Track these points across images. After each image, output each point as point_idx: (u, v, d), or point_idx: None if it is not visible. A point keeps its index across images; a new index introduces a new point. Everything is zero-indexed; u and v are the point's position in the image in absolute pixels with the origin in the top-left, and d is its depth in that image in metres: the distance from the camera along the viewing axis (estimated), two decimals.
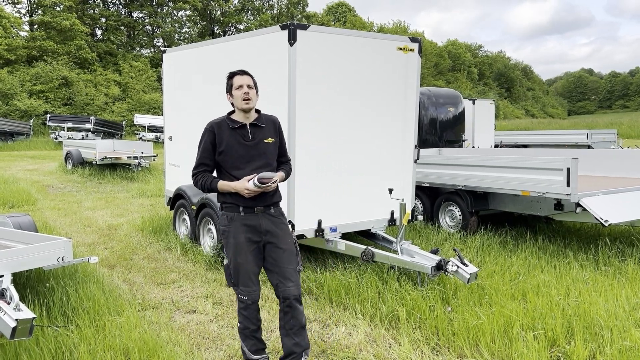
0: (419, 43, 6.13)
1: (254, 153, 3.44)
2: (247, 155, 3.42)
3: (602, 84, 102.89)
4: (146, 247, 7.11)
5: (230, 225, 3.45)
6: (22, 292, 4.57)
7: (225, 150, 3.41)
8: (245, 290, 3.45)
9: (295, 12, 56.08)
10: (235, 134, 3.42)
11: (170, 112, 7.77)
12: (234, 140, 3.41)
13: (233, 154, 3.41)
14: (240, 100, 3.40)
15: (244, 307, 3.49)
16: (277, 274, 3.47)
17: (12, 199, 10.54)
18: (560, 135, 20.46)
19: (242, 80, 3.43)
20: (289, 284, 3.45)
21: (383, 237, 6.07)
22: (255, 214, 3.43)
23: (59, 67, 36.33)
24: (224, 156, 3.43)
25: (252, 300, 3.47)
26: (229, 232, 3.46)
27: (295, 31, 5.12)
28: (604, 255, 6.17)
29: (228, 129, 3.42)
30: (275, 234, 3.47)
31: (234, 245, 3.43)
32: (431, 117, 11.29)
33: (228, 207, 3.46)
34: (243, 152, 3.42)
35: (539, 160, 6.37)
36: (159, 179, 13.67)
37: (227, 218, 3.46)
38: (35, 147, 26.76)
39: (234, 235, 3.43)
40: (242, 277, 3.44)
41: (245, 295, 3.45)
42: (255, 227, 3.43)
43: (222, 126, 3.44)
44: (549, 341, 3.97)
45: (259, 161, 3.45)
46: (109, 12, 46.36)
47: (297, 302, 3.46)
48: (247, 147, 3.42)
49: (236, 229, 3.42)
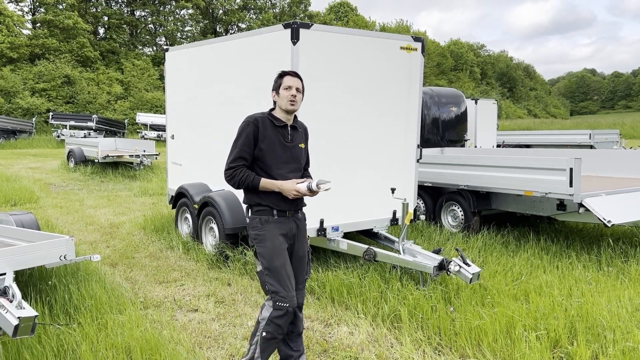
0: (422, 42, 6.12)
1: (290, 155, 3.36)
2: (284, 156, 3.33)
3: (604, 84, 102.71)
4: (148, 246, 7.11)
5: (264, 228, 3.28)
6: (24, 290, 4.58)
7: (266, 147, 3.27)
8: (288, 296, 3.20)
9: (297, 11, 56.08)
10: (277, 132, 3.32)
11: (173, 111, 7.78)
12: (276, 139, 3.31)
13: (274, 153, 3.29)
14: (286, 101, 3.31)
15: (282, 315, 3.20)
16: None
17: (15, 197, 10.55)
18: (562, 135, 20.41)
19: (292, 82, 3.34)
20: (297, 292, 3.38)
21: (385, 236, 6.07)
22: (287, 217, 3.33)
23: (62, 66, 36.40)
24: (264, 153, 3.27)
25: (293, 306, 3.24)
26: (264, 236, 3.28)
27: (298, 30, 5.11)
28: (606, 255, 6.15)
29: (271, 126, 3.31)
30: (298, 240, 3.42)
31: (271, 249, 3.25)
32: (433, 117, 11.28)
33: (261, 210, 3.30)
34: (282, 152, 3.32)
35: (541, 161, 6.36)
36: (161, 178, 13.68)
37: (261, 221, 3.29)
38: (37, 145, 26.81)
39: (270, 239, 3.26)
40: (284, 281, 3.22)
41: (287, 302, 3.20)
42: (286, 231, 3.33)
43: (266, 122, 3.31)
44: (552, 342, 3.96)
45: (293, 164, 3.39)
46: (111, 10, 46.43)
47: (299, 310, 3.45)
48: (286, 147, 3.34)
49: (271, 231, 3.28)
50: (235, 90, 6.16)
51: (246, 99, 5.83)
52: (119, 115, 35.88)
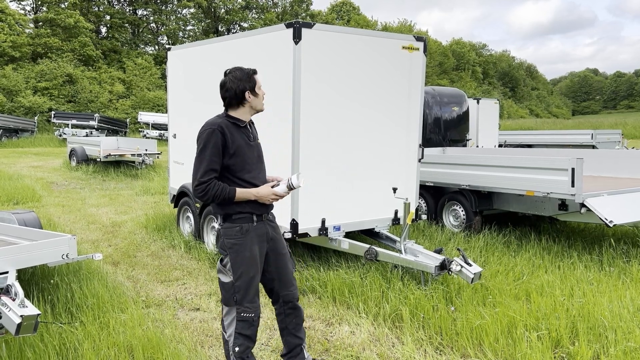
0: (424, 42, 6.11)
1: (257, 154, 3.25)
2: (253, 157, 3.20)
3: (606, 84, 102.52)
4: (150, 245, 7.12)
5: (244, 237, 3.14)
6: (26, 289, 4.59)
7: (237, 152, 3.11)
8: (252, 307, 3.15)
9: (299, 10, 56.06)
10: (242, 134, 3.17)
11: (175, 110, 7.78)
12: (243, 141, 3.15)
13: (244, 156, 3.14)
14: (262, 101, 3.24)
15: (249, 325, 3.15)
16: (277, 280, 3.36)
17: (17, 196, 10.57)
18: (564, 135, 20.38)
19: (261, 81, 3.28)
20: (291, 288, 3.39)
21: (387, 236, 6.07)
22: (262, 221, 3.23)
23: (64, 64, 36.44)
24: (235, 159, 3.11)
25: (258, 314, 3.20)
26: (243, 245, 3.13)
27: (300, 29, 5.11)
28: (608, 255, 6.15)
29: (235, 129, 3.15)
30: (276, 240, 3.34)
31: (249, 259, 3.14)
32: (435, 117, 11.26)
33: (242, 218, 3.15)
34: (250, 153, 3.18)
35: (543, 160, 6.35)
36: (163, 177, 13.69)
37: (242, 230, 3.14)
38: (39, 144, 26.83)
39: (249, 249, 3.14)
40: (252, 293, 3.15)
41: (253, 312, 3.15)
42: (262, 236, 3.24)
43: (229, 126, 3.13)
44: (553, 342, 3.96)
45: (260, 163, 3.28)
46: (113, 9, 46.47)
47: (298, 302, 3.45)
48: (252, 147, 3.21)
49: (251, 241, 3.16)
50: None
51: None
52: (121, 114, 35.90)
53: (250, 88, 3.20)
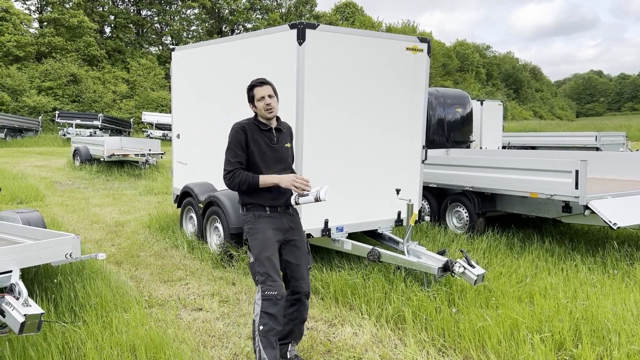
0: (428, 43, 6.11)
1: (278, 156, 3.61)
2: (273, 157, 3.58)
3: (611, 85, 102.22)
4: (153, 245, 7.13)
5: (257, 222, 3.52)
6: (30, 288, 4.59)
7: (256, 150, 3.53)
8: (275, 285, 3.38)
9: (303, 11, 56.09)
10: (263, 135, 3.57)
11: (179, 110, 7.80)
12: (263, 142, 3.56)
13: (262, 155, 3.54)
14: (263, 111, 3.54)
15: (273, 304, 3.34)
16: (291, 270, 3.60)
17: (21, 195, 10.61)
18: (568, 137, 20.34)
19: (262, 92, 3.54)
20: (302, 281, 3.61)
21: (390, 237, 6.06)
22: (278, 212, 3.55)
23: (68, 64, 36.55)
24: (254, 156, 3.52)
25: (282, 295, 3.40)
26: (257, 229, 3.50)
27: (304, 30, 5.12)
28: (612, 258, 6.13)
29: (258, 130, 3.56)
30: (295, 233, 3.63)
31: (262, 240, 3.47)
32: (439, 118, 11.25)
33: (255, 207, 3.54)
34: (270, 153, 3.57)
35: (547, 162, 6.34)
36: (166, 177, 13.72)
37: (254, 216, 3.53)
38: (43, 143, 26.92)
39: (262, 231, 3.49)
40: (272, 271, 3.41)
41: (276, 290, 3.37)
42: (278, 226, 3.54)
43: (252, 127, 3.55)
44: (556, 344, 3.95)
45: (281, 164, 3.63)
46: (117, 9, 46.59)
47: (306, 298, 3.63)
48: (273, 149, 3.59)
49: (263, 225, 3.51)
50: (241, 90, 6.16)
51: None
52: (125, 114, 35.98)
53: (249, 101, 3.62)
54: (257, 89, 3.55)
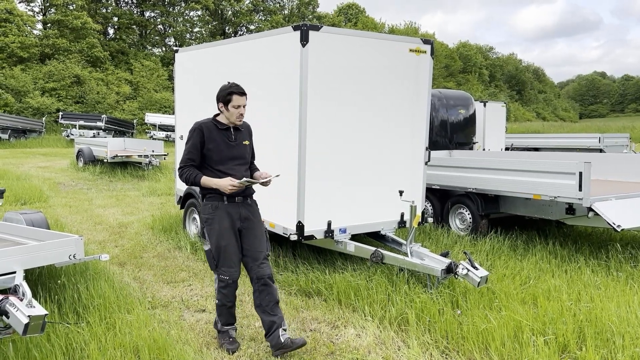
0: (431, 45, 6.11)
1: (235, 152, 3.94)
2: (230, 154, 3.91)
3: (614, 87, 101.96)
4: (156, 246, 7.14)
5: (214, 212, 3.87)
6: (34, 289, 4.60)
7: (213, 147, 3.86)
8: (228, 271, 3.88)
9: (306, 12, 56.13)
10: (221, 134, 3.90)
11: (182, 112, 7.81)
12: (221, 140, 3.88)
13: (219, 152, 3.87)
14: (235, 117, 3.88)
15: (224, 286, 3.92)
16: (250, 257, 3.94)
17: (25, 196, 10.63)
18: (571, 138, 20.30)
19: (240, 101, 3.86)
20: (262, 265, 3.93)
21: (393, 239, 6.05)
22: (236, 203, 3.91)
23: (72, 65, 36.66)
24: (211, 153, 3.86)
25: (233, 279, 3.91)
26: (213, 219, 3.87)
27: (307, 32, 5.12)
28: (615, 260, 6.11)
29: (216, 129, 3.89)
30: (251, 221, 3.98)
31: (218, 231, 3.85)
32: (442, 119, 11.24)
33: (212, 197, 3.89)
34: (227, 150, 3.90)
35: (551, 164, 6.32)
36: (170, 178, 13.74)
37: (212, 207, 3.88)
38: (47, 144, 26.99)
39: (218, 222, 3.86)
40: (226, 259, 3.87)
41: (227, 275, 3.89)
42: (236, 215, 3.90)
43: (210, 127, 3.88)
44: (560, 346, 3.94)
45: (239, 159, 3.97)
46: (121, 11, 46.71)
47: (270, 280, 3.93)
48: (231, 146, 3.92)
49: (220, 216, 3.87)
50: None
51: (254, 100, 5.84)
52: (128, 115, 36.06)
53: (222, 101, 3.88)
54: (236, 96, 3.84)
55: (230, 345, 4.00)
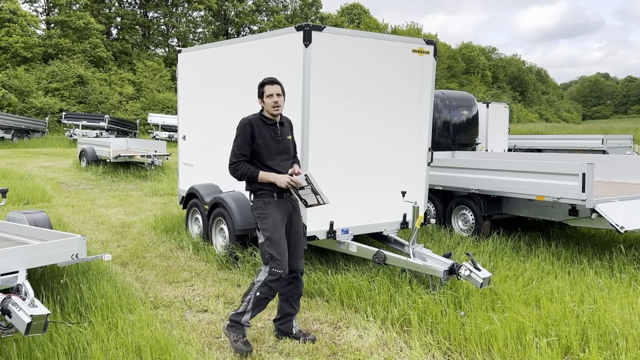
0: (434, 45, 6.10)
1: (282, 147, 4.02)
2: (277, 149, 3.98)
3: (617, 88, 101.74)
4: (158, 246, 7.15)
5: (267, 208, 3.94)
6: (36, 288, 4.62)
7: (262, 143, 3.91)
8: (282, 264, 3.89)
9: (309, 13, 56.15)
10: (269, 129, 3.96)
11: (185, 112, 7.82)
12: (269, 135, 3.95)
13: (268, 147, 3.93)
14: (270, 107, 3.92)
15: (275, 280, 3.89)
16: (290, 251, 4.04)
17: (28, 196, 10.65)
18: (574, 140, 20.24)
19: (272, 90, 3.90)
20: (298, 261, 4.10)
21: (395, 240, 6.05)
22: (284, 199, 4.00)
23: (75, 66, 36.73)
24: (260, 148, 3.91)
25: (286, 273, 3.94)
26: (267, 214, 3.93)
27: (310, 32, 5.12)
28: (619, 262, 6.09)
29: (264, 125, 3.95)
30: (295, 217, 4.10)
31: (272, 224, 3.91)
32: (444, 120, 11.23)
33: (264, 194, 3.95)
34: (275, 145, 3.96)
35: (554, 165, 6.31)
36: (172, 178, 13.75)
37: (264, 202, 3.95)
38: (50, 144, 27.03)
39: (272, 216, 3.93)
40: (281, 252, 3.91)
41: (282, 269, 3.89)
42: (285, 210, 4.00)
43: (258, 122, 3.94)
44: (563, 348, 3.93)
45: (284, 154, 4.04)
46: (124, 11, 46.78)
47: (301, 275, 4.13)
48: (277, 141, 3.99)
49: (273, 210, 3.94)
50: (247, 92, 6.17)
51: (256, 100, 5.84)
52: (131, 115, 36.11)
53: (259, 96, 3.98)
54: (268, 86, 3.90)
55: (245, 347, 3.90)
